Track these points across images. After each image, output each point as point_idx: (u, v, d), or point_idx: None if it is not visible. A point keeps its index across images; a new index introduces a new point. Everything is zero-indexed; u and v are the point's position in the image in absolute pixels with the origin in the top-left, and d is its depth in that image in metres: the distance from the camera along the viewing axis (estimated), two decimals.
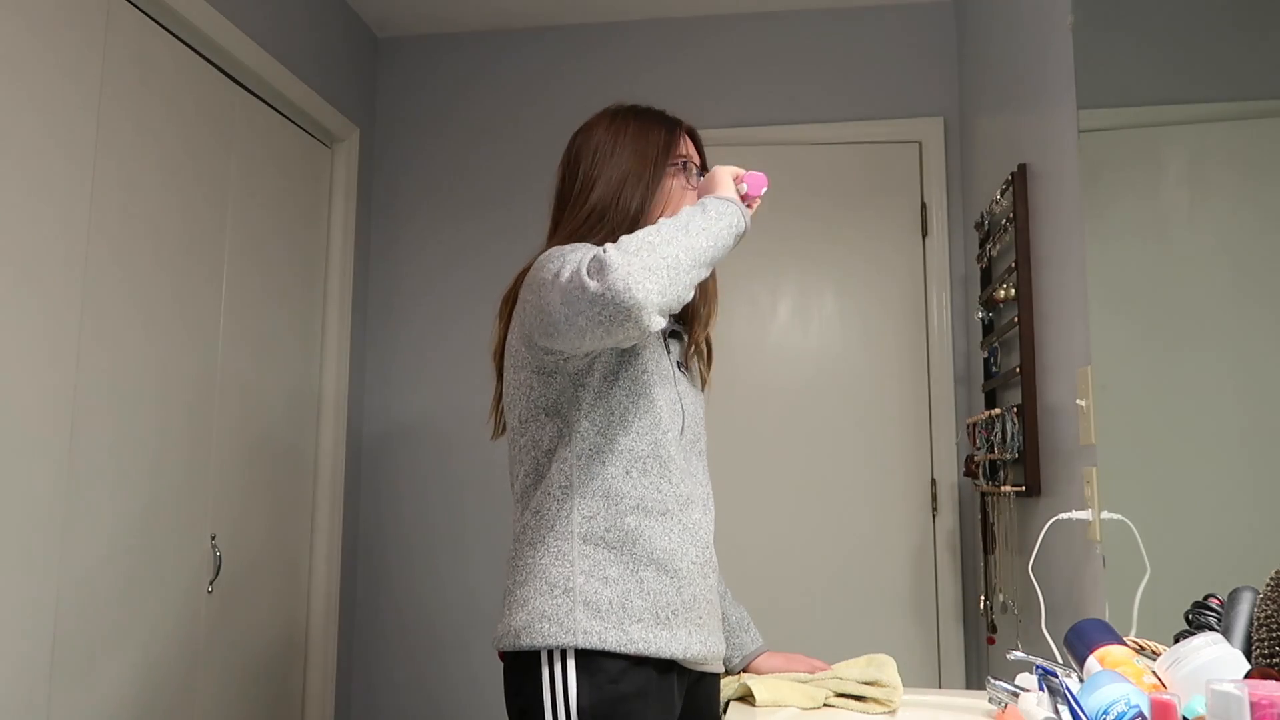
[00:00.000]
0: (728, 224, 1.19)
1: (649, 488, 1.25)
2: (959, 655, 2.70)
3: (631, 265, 1.07)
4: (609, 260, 1.07)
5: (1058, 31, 1.83)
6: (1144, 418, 1.45)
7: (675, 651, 1.22)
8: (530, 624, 1.21)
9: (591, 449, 1.25)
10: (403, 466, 3.02)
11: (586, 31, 3.11)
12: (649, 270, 1.07)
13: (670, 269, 1.09)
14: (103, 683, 1.92)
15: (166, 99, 2.15)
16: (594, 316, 1.08)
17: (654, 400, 1.28)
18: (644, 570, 1.22)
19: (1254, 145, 1.17)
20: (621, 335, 1.09)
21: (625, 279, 1.06)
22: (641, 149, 1.35)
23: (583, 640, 1.18)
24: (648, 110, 1.42)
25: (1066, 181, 1.78)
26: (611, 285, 1.06)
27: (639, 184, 1.33)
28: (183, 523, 2.18)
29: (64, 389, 1.83)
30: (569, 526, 1.23)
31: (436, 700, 2.90)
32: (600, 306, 1.07)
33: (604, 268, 1.07)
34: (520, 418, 1.30)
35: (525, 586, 1.24)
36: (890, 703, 1.38)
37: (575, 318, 1.10)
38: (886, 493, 2.79)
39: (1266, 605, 1.00)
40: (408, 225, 3.12)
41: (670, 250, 1.10)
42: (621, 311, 1.06)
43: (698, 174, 1.41)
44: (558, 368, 1.25)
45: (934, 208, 2.87)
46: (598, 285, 1.07)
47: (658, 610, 1.22)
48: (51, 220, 1.80)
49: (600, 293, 1.06)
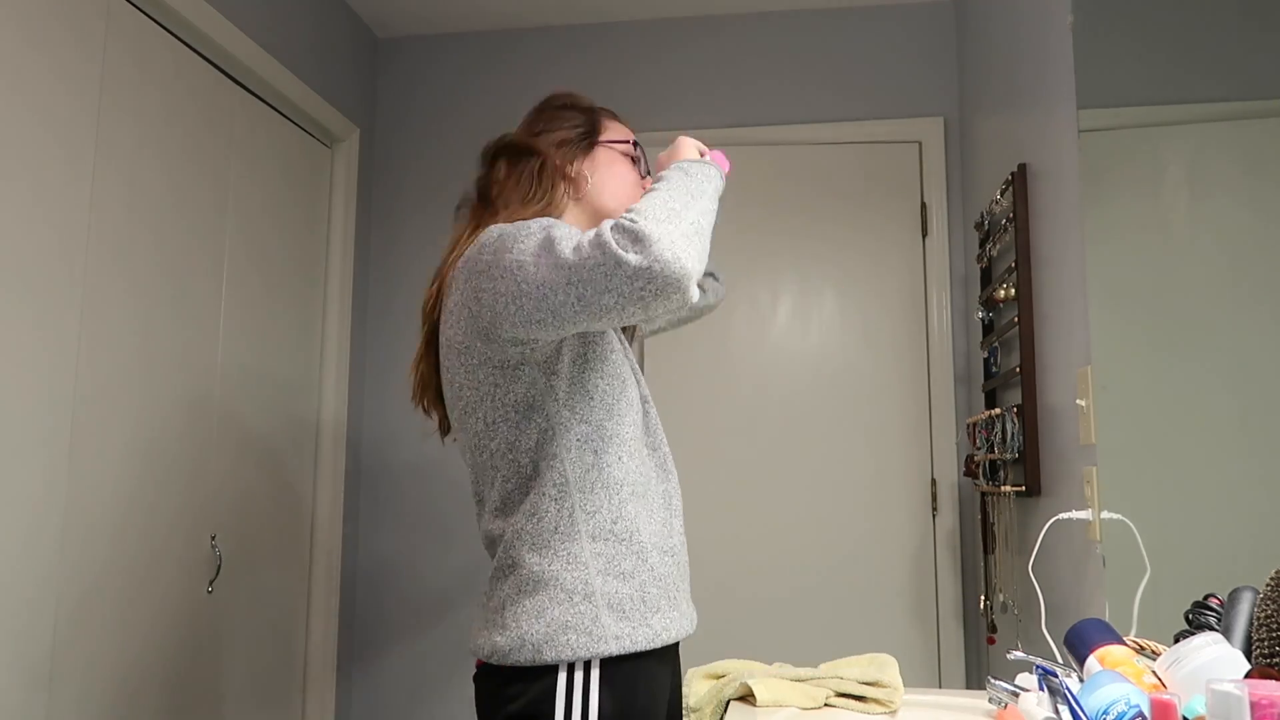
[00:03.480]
0: (715, 187, 1.17)
1: (638, 470, 1.23)
2: (959, 655, 2.70)
3: (671, 234, 1.03)
4: (645, 231, 1.02)
5: (1058, 31, 1.83)
6: (1144, 418, 1.45)
7: (685, 629, 1.23)
8: (553, 636, 1.14)
9: (580, 439, 1.20)
10: (403, 465, 3.02)
11: (586, 31, 3.11)
12: (686, 238, 1.04)
13: (699, 234, 1.07)
14: (103, 682, 1.92)
15: (166, 99, 2.15)
16: (633, 292, 1.03)
17: (624, 379, 1.25)
18: (651, 556, 1.21)
19: (1254, 145, 1.17)
20: (660, 309, 1.05)
21: (671, 248, 1.02)
22: (560, 140, 1.34)
23: (614, 646, 1.14)
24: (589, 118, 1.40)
25: (1066, 181, 1.78)
26: (659, 257, 1.01)
27: (559, 177, 1.32)
28: (183, 523, 2.18)
29: (64, 389, 1.83)
30: (574, 526, 1.18)
31: (436, 700, 2.90)
32: (645, 280, 1.02)
33: (642, 239, 1.02)
34: (486, 420, 1.21)
35: (536, 596, 1.16)
36: (891, 703, 1.38)
37: (600, 296, 1.04)
38: (886, 493, 2.79)
39: (1266, 605, 1.00)
40: (408, 225, 3.12)
41: (692, 215, 1.08)
42: (671, 283, 1.02)
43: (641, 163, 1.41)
44: (524, 359, 1.18)
45: (934, 208, 2.87)
46: (640, 259, 1.01)
47: (668, 593, 1.22)
48: (51, 220, 1.80)
49: (645, 266, 1.01)
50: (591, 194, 1.34)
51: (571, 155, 1.33)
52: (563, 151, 1.33)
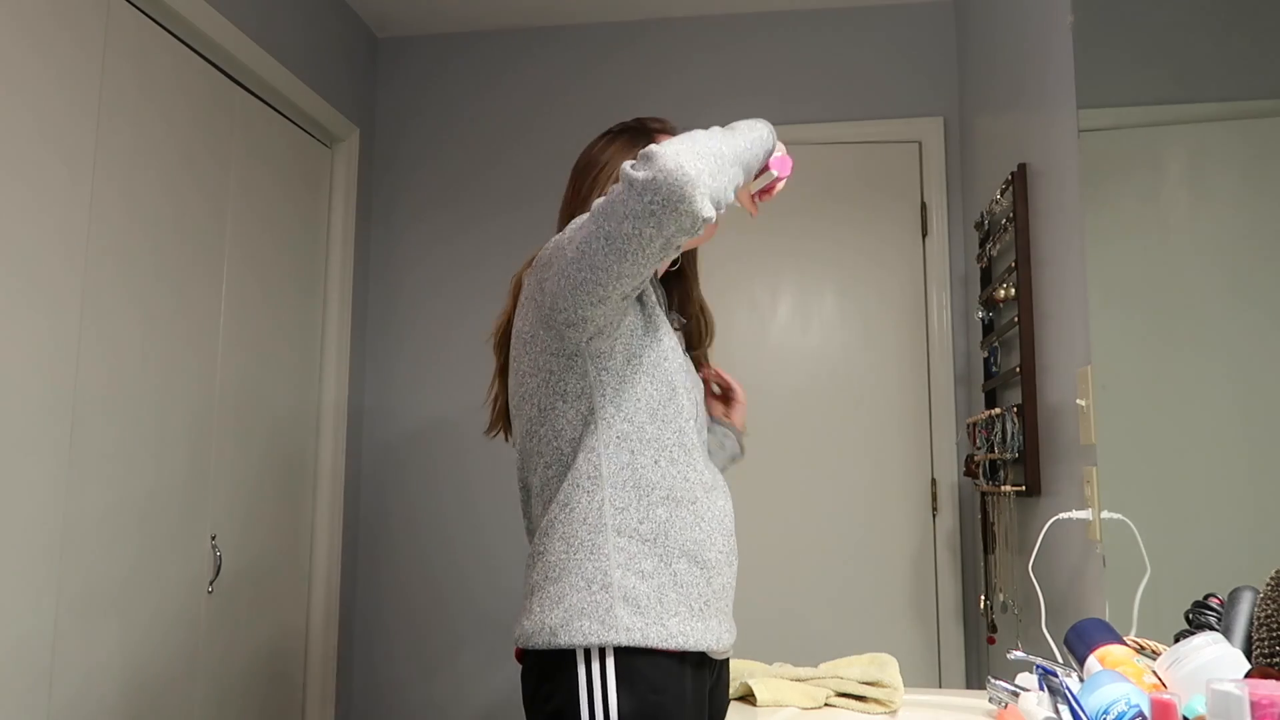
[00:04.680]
0: (759, 135, 1.21)
1: (677, 477, 1.25)
2: (959, 655, 2.70)
3: (679, 148, 1.06)
4: (653, 149, 1.06)
5: (1058, 31, 1.83)
6: (1144, 418, 1.45)
7: (709, 643, 1.22)
8: (568, 621, 1.18)
9: (619, 436, 1.23)
10: (403, 464, 3.02)
11: (587, 32, 3.11)
12: (697, 155, 1.07)
13: (715, 156, 1.09)
14: (103, 682, 1.92)
15: (166, 99, 2.15)
16: (643, 209, 1.07)
17: (675, 386, 1.28)
18: (677, 563, 1.22)
19: (1254, 145, 1.17)
20: (675, 227, 1.08)
21: (675, 157, 1.05)
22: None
23: (624, 638, 1.16)
24: (640, 127, 1.44)
25: (1066, 181, 1.78)
26: (663, 165, 1.05)
27: None
28: (183, 523, 2.18)
29: (64, 390, 1.83)
30: (602, 519, 1.21)
31: (436, 700, 2.90)
32: (652, 192, 1.05)
33: (650, 156, 1.06)
34: (540, 406, 1.27)
35: (559, 582, 1.20)
36: (891, 703, 1.38)
37: (620, 224, 1.08)
38: (886, 493, 2.79)
39: (1266, 605, 1.00)
40: (408, 224, 3.12)
41: (712, 143, 1.11)
42: (675, 191, 1.05)
43: None
44: (579, 350, 1.23)
45: (934, 208, 2.87)
46: (646, 172, 1.06)
47: (691, 602, 1.22)
48: (51, 220, 1.80)
49: (650, 177, 1.05)
50: None
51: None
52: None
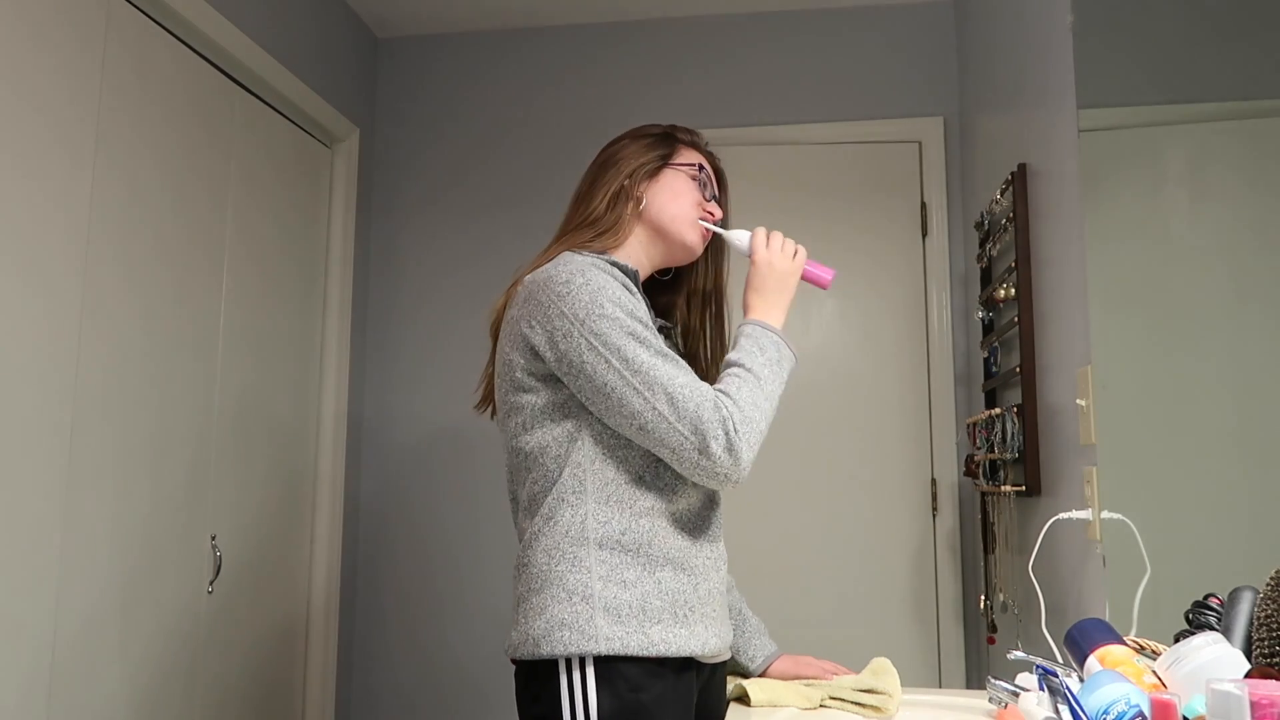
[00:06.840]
0: (788, 370, 1.30)
1: (663, 489, 1.26)
2: (959, 655, 2.70)
3: (753, 441, 1.19)
4: (740, 443, 1.18)
5: (1058, 31, 1.83)
6: (1144, 418, 1.45)
7: (694, 648, 1.23)
8: (550, 632, 1.19)
9: (605, 451, 1.24)
10: (403, 464, 3.02)
11: (586, 31, 3.11)
12: (760, 440, 1.21)
13: (764, 435, 1.23)
14: (103, 682, 1.92)
15: (166, 99, 2.15)
16: (694, 469, 1.19)
17: None
18: (661, 571, 1.23)
19: (1254, 145, 1.17)
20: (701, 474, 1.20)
21: (749, 461, 1.19)
22: (634, 167, 1.40)
23: (604, 647, 1.18)
24: (668, 135, 1.45)
25: (1066, 181, 1.78)
26: (743, 472, 1.19)
27: (627, 199, 1.38)
28: (183, 523, 2.18)
29: (64, 389, 1.83)
30: (584, 532, 1.22)
31: (436, 701, 2.90)
32: (721, 479, 1.19)
33: (735, 450, 1.18)
34: (524, 425, 1.28)
35: (541, 594, 1.22)
36: (885, 709, 1.38)
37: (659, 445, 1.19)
38: (886, 493, 2.79)
39: (1266, 605, 1.00)
40: (408, 224, 3.12)
41: (769, 416, 1.23)
42: (731, 484, 1.20)
43: (708, 187, 1.44)
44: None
45: (934, 207, 2.87)
46: (729, 467, 1.18)
47: (676, 609, 1.22)
48: (51, 219, 1.80)
49: (726, 473, 1.18)
50: (651, 213, 1.39)
51: (640, 177, 1.40)
52: (635, 173, 1.40)
